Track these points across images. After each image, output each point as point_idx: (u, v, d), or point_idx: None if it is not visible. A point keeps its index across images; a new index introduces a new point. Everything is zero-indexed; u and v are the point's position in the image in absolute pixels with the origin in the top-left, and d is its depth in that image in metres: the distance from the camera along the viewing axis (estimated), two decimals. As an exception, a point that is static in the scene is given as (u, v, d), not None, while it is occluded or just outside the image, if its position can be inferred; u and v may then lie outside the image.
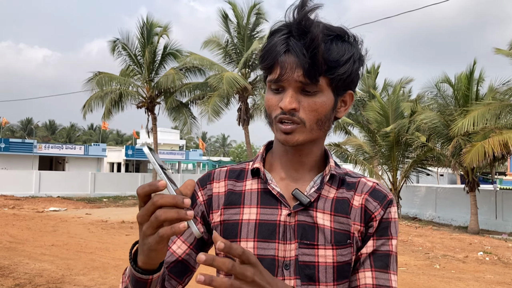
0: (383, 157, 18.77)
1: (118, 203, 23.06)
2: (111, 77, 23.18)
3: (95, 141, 64.07)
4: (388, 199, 1.07)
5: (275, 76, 0.98)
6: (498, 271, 9.30)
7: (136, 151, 34.04)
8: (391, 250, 1.05)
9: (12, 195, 23.16)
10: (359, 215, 1.05)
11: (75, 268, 7.84)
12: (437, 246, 12.15)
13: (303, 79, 0.95)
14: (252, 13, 21.74)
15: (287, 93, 0.97)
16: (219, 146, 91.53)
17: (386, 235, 1.05)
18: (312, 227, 1.03)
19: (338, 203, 1.05)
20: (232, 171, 1.15)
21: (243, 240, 1.04)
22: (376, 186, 1.09)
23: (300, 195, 1.04)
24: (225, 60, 22.61)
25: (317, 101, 0.98)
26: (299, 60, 0.94)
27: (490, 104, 14.34)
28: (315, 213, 1.04)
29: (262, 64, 1.01)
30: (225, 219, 1.08)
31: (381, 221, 1.05)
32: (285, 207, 1.04)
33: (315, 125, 1.00)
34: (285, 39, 0.96)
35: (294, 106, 0.97)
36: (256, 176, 1.11)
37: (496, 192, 18.50)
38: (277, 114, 1.00)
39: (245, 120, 21.97)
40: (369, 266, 1.04)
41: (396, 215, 1.08)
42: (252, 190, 1.09)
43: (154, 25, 23.27)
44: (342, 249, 1.02)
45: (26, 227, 12.71)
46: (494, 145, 13.43)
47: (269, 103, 1.02)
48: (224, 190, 1.12)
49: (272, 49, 0.98)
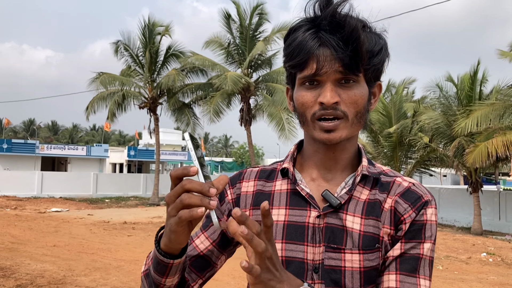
0: (386, 157, 18.72)
1: (120, 204, 23.07)
2: (114, 77, 23.21)
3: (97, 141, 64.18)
4: (423, 201, 1.00)
5: (311, 71, 0.94)
6: (502, 272, 9.26)
7: (138, 152, 34.06)
8: (421, 254, 0.98)
9: (14, 195, 23.21)
10: (389, 218, 1.00)
11: (76, 269, 7.83)
12: (440, 247, 12.10)
13: (343, 70, 0.93)
14: (254, 14, 21.72)
15: (326, 87, 0.94)
16: (221, 147, 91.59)
17: (418, 238, 0.98)
18: (340, 230, 0.99)
19: (370, 205, 1.01)
20: (263, 171, 1.14)
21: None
22: (412, 186, 1.03)
23: (330, 196, 1.00)
24: (227, 61, 22.59)
25: (356, 92, 0.96)
26: (336, 52, 0.91)
27: (494, 104, 14.27)
28: (345, 215, 1.00)
29: (294, 61, 0.96)
30: (253, 219, 1.05)
31: (413, 223, 0.99)
32: (315, 209, 1.01)
33: (355, 119, 0.97)
34: (314, 33, 0.94)
35: (336, 100, 0.94)
36: (286, 176, 1.08)
37: (500, 193, 18.42)
38: (316, 110, 0.96)
39: (247, 120, 21.94)
40: (394, 269, 0.98)
41: (433, 217, 1.00)
42: (281, 191, 1.07)
43: (155, 25, 23.29)
44: (369, 254, 0.98)
45: (28, 228, 12.72)
46: (497, 145, 13.37)
47: (303, 99, 0.98)
48: (252, 190, 1.10)
49: (302, 44, 0.94)
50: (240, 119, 22.14)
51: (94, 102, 23.48)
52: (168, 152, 35.43)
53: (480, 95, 16.42)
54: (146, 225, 14.52)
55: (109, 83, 22.85)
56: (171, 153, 35.69)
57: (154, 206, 22.38)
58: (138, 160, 35.39)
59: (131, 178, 29.34)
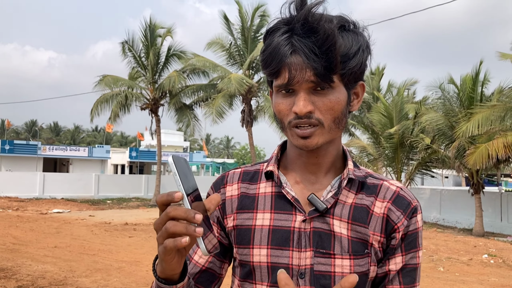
0: (388, 159, 18.69)
1: (122, 205, 23.09)
2: (117, 79, 23.27)
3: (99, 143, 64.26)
4: (413, 207, 1.01)
5: (283, 80, 0.92)
6: (503, 274, 9.23)
7: (140, 153, 34.09)
8: (418, 263, 1.01)
9: (16, 196, 23.25)
10: (380, 225, 0.99)
11: (77, 270, 7.84)
12: (442, 248, 12.08)
13: (315, 79, 0.90)
14: (256, 15, 21.76)
15: (299, 96, 0.92)
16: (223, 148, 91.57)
17: (414, 248, 1.00)
18: (328, 235, 0.97)
19: (356, 210, 1.00)
20: (246, 173, 1.10)
21: (256, 247, 1.00)
22: (400, 191, 1.02)
23: (316, 200, 0.98)
24: (229, 62, 22.62)
25: (331, 98, 0.93)
26: (308, 59, 0.88)
27: (495, 107, 14.25)
28: (332, 220, 0.98)
29: (267, 70, 0.94)
30: (238, 224, 1.04)
31: (407, 233, 0.99)
32: (300, 213, 0.99)
33: (333, 124, 0.95)
34: (288, 38, 0.90)
35: (309, 109, 0.91)
36: (270, 178, 1.06)
37: (501, 194, 18.37)
38: (291, 119, 0.94)
39: (249, 122, 21.95)
40: (397, 283, 0.99)
41: (421, 223, 1.02)
42: (265, 194, 1.04)
43: (157, 26, 23.34)
44: (359, 259, 0.97)
45: (30, 229, 12.74)
46: (498, 147, 13.34)
47: (279, 108, 0.96)
48: (237, 193, 1.07)
49: (275, 52, 0.91)
50: (242, 120, 22.15)
51: (98, 104, 23.54)
52: (170, 153, 35.43)
53: (481, 96, 16.40)
54: (147, 226, 14.53)
55: (113, 85, 22.94)
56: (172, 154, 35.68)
57: (155, 207, 22.39)
58: (140, 161, 35.41)
59: (133, 179, 29.37)
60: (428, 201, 21.26)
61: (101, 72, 23.70)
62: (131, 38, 23.32)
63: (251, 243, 1.01)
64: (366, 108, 25.38)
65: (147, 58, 23.12)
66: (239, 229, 1.03)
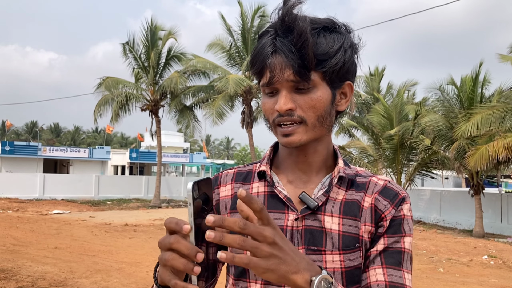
0: (388, 160, 18.70)
1: (122, 206, 23.10)
2: (117, 81, 23.31)
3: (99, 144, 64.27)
4: (400, 197, 1.02)
5: (266, 79, 0.95)
6: (503, 275, 9.24)
7: (140, 154, 34.09)
8: (403, 247, 1.00)
9: (16, 197, 23.26)
10: (370, 215, 1.01)
11: (77, 271, 7.84)
12: (442, 249, 12.08)
13: (294, 78, 0.92)
14: (256, 16, 21.78)
15: (281, 95, 0.95)
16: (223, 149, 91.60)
17: (399, 233, 1.00)
18: (319, 231, 0.99)
19: (347, 205, 1.01)
20: (239, 174, 1.12)
21: None
22: (388, 184, 1.05)
23: (307, 198, 1.00)
24: (229, 63, 22.65)
25: (313, 97, 0.95)
26: (287, 59, 0.91)
27: (495, 107, 14.26)
28: (323, 217, 1.00)
29: (252, 70, 0.98)
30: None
31: (393, 219, 1.00)
32: (293, 212, 1.01)
33: (317, 122, 0.97)
34: (272, 39, 0.94)
35: (289, 107, 0.94)
36: (262, 178, 1.07)
37: (501, 195, 18.37)
38: (275, 117, 0.97)
39: (249, 123, 21.97)
40: (379, 263, 0.98)
41: (409, 212, 1.03)
42: (258, 194, 1.06)
43: (158, 28, 23.38)
44: (350, 254, 0.98)
45: (30, 230, 12.75)
46: (498, 148, 13.35)
47: (265, 107, 1.00)
48: (230, 194, 1.09)
49: (259, 53, 0.95)
50: (242, 121, 22.17)
51: (100, 106, 23.57)
52: (170, 154, 35.43)
53: (481, 97, 16.41)
54: (147, 228, 14.54)
55: (113, 87, 22.98)
56: (173, 155, 35.69)
57: (155, 208, 22.39)
58: (140, 162, 35.41)
59: (133, 180, 29.36)
60: (428, 202, 21.26)
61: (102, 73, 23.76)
62: (132, 39, 23.39)
63: None
64: (366, 109, 25.39)
65: (148, 59, 23.15)
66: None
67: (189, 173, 45.69)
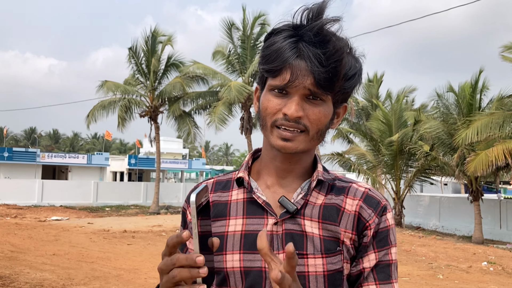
0: (387, 166, 18.73)
1: (121, 212, 23.04)
2: (117, 85, 23.35)
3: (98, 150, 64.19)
4: (382, 205, 1.03)
5: (282, 81, 0.94)
6: (503, 281, 9.21)
7: (139, 160, 34.06)
8: (391, 259, 1.03)
9: (14, 204, 23.18)
10: (352, 222, 1.01)
11: (76, 278, 7.81)
12: (441, 256, 12.05)
13: (313, 88, 0.93)
14: (256, 23, 21.85)
15: (293, 100, 0.94)
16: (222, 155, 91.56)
17: (387, 245, 1.02)
18: (300, 235, 0.99)
19: (326, 209, 1.02)
20: (218, 183, 1.13)
21: (228, 253, 1.01)
22: (369, 192, 1.05)
23: (286, 202, 1.00)
24: (228, 70, 22.70)
25: (321, 110, 0.96)
26: (312, 67, 0.91)
27: (494, 114, 14.31)
28: (303, 220, 1.00)
29: (269, 66, 0.95)
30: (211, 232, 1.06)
31: (378, 231, 1.02)
32: (272, 216, 1.01)
33: (316, 135, 0.98)
34: (295, 42, 0.93)
35: (300, 115, 0.94)
36: (241, 185, 1.08)
37: (500, 201, 18.37)
38: (278, 118, 0.96)
39: (248, 129, 21.99)
40: (373, 280, 1.01)
41: (392, 220, 1.05)
42: (238, 201, 1.06)
43: (158, 34, 23.45)
44: (332, 257, 0.99)
45: (28, 236, 12.70)
46: (498, 154, 13.38)
47: (268, 104, 0.98)
48: (209, 202, 1.09)
49: (280, 52, 0.93)
50: (241, 127, 22.19)
51: (94, 110, 23.56)
52: (169, 160, 35.41)
53: (480, 104, 16.46)
54: (146, 234, 14.49)
55: (113, 91, 23.03)
56: (171, 161, 35.67)
57: (154, 215, 22.33)
58: (139, 169, 35.37)
59: (132, 186, 29.30)
60: (427, 208, 21.25)
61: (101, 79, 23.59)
62: (134, 45, 23.46)
63: (224, 250, 1.02)
64: (364, 115, 25.43)
65: (148, 65, 23.21)
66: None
67: (188, 179, 45.66)
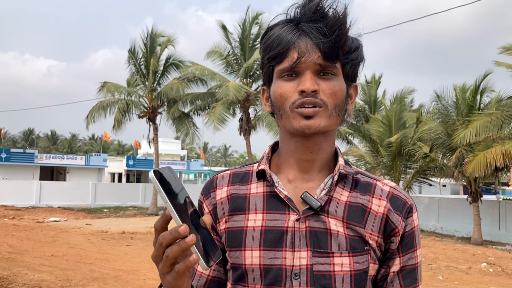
0: (385, 167, 18.72)
1: (119, 214, 23.00)
2: (117, 86, 23.33)
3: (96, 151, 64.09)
4: (408, 206, 1.01)
5: (290, 62, 0.94)
6: (502, 282, 9.21)
7: (137, 162, 34.02)
8: (417, 262, 1.02)
9: (12, 205, 23.13)
10: (378, 225, 0.98)
11: (74, 279, 7.77)
12: (440, 257, 12.04)
13: (322, 61, 0.93)
14: (254, 24, 21.86)
15: (306, 76, 0.94)
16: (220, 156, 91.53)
17: (412, 248, 1.01)
18: (325, 233, 0.96)
19: (351, 209, 0.99)
20: (236, 175, 1.09)
21: (248, 249, 0.98)
22: (394, 191, 1.03)
23: (310, 198, 0.97)
24: (227, 70, 22.71)
25: (335, 84, 0.96)
26: (317, 41, 0.92)
27: (492, 115, 14.31)
28: (327, 218, 0.97)
29: (273, 52, 0.96)
30: (229, 226, 1.02)
31: (404, 234, 1.00)
32: (294, 212, 0.98)
33: (334, 111, 0.96)
34: (293, 26, 0.95)
35: (316, 88, 0.93)
36: (261, 178, 1.04)
37: (499, 202, 18.37)
38: (296, 99, 0.94)
39: (247, 130, 21.96)
40: (398, 285, 1.00)
41: (418, 221, 1.04)
42: (257, 194, 1.03)
43: (157, 35, 23.44)
44: (359, 256, 0.96)
45: (26, 238, 12.65)
46: (496, 155, 13.38)
47: (281, 90, 0.96)
48: (226, 195, 1.05)
49: (282, 36, 0.95)
50: (240, 128, 22.16)
51: (93, 111, 23.53)
52: (167, 161, 35.38)
53: (479, 105, 16.47)
54: (144, 235, 14.46)
55: (113, 92, 23.03)
56: (170, 162, 35.63)
57: (152, 216, 22.30)
58: (137, 170, 35.33)
59: (130, 187, 29.26)
60: (426, 209, 21.25)
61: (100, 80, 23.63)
62: (133, 46, 23.45)
63: (242, 245, 0.99)
64: (362, 116, 25.43)
65: (147, 66, 23.19)
66: (230, 231, 1.02)
67: (186, 181, 45.64)
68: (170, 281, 0.77)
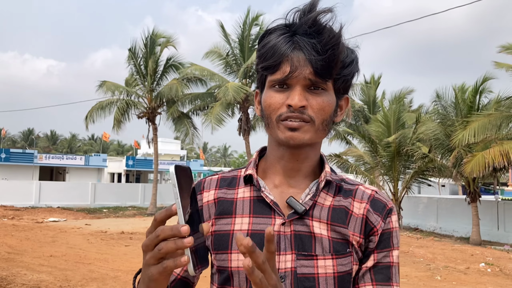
0: (384, 167, 18.72)
1: (118, 214, 23.00)
2: (116, 86, 23.33)
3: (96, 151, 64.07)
4: (388, 208, 1.03)
5: (282, 74, 0.95)
6: (500, 282, 9.22)
7: (136, 162, 34.02)
8: (392, 262, 1.02)
9: (12, 205, 23.11)
10: (359, 226, 1.01)
11: (73, 279, 7.78)
12: (439, 257, 12.06)
13: (313, 77, 0.94)
14: (254, 24, 21.85)
15: (295, 91, 0.95)
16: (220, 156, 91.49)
17: (388, 247, 1.02)
18: (309, 237, 0.98)
19: (335, 212, 1.01)
20: (224, 180, 1.11)
21: (234, 252, 1.00)
22: (375, 194, 1.05)
23: (294, 203, 0.99)
24: (226, 71, 22.71)
25: (324, 100, 0.97)
26: (309, 57, 0.93)
27: (491, 115, 14.32)
28: (311, 222, 0.99)
29: (266, 63, 0.97)
30: (216, 229, 1.04)
31: (381, 233, 1.01)
32: (279, 216, 1.00)
33: (321, 125, 0.98)
34: (289, 37, 0.95)
35: (304, 104, 0.94)
36: (248, 183, 1.06)
37: (498, 203, 18.38)
38: (283, 112, 0.96)
39: (246, 130, 21.97)
40: (369, 280, 1.00)
41: (397, 224, 1.05)
42: (244, 199, 1.05)
43: (158, 36, 23.44)
44: (342, 259, 0.98)
45: (25, 238, 12.66)
46: (494, 155, 13.39)
47: (271, 101, 0.98)
48: (213, 198, 1.07)
49: (277, 47, 0.95)
50: (239, 129, 22.17)
51: (93, 111, 23.53)
52: (167, 161, 35.36)
53: (478, 105, 16.48)
54: (143, 235, 14.45)
55: (112, 91, 23.03)
56: (169, 162, 35.62)
57: (152, 216, 22.30)
58: (137, 170, 35.35)
59: (129, 187, 29.26)
60: (425, 209, 21.26)
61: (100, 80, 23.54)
62: (133, 45, 23.46)
63: (229, 248, 1.01)
64: (362, 117, 25.44)
65: (146, 66, 23.19)
66: (217, 235, 1.03)
67: (185, 181, 45.49)
68: (154, 273, 0.76)
